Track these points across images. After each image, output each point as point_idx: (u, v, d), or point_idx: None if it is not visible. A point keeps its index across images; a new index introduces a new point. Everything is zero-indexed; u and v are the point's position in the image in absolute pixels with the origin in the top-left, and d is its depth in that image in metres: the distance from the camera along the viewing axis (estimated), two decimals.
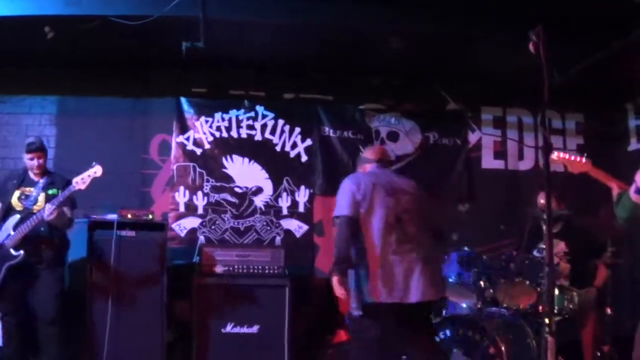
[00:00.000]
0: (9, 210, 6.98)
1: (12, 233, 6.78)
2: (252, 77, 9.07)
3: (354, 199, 5.46)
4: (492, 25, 7.32)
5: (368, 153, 6.11)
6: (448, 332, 6.34)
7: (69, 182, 6.85)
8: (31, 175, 7.16)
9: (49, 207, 6.62)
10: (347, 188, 5.55)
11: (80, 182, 6.71)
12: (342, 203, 5.49)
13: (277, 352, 7.63)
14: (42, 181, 7.12)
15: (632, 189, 4.11)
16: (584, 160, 5.54)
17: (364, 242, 5.43)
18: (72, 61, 8.41)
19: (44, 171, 7.19)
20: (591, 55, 7.58)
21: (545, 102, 3.91)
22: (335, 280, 5.32)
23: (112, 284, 7.34)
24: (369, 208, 5.46)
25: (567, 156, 5.54)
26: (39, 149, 7.15)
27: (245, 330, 7.63)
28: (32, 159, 7.08)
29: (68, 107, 8.83)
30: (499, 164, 9.41)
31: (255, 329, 7.66)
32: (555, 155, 5.45)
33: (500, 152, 9.41)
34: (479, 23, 7.31)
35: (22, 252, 6.75)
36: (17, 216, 6.89)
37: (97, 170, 6.74)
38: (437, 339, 6.31)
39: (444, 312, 7.24)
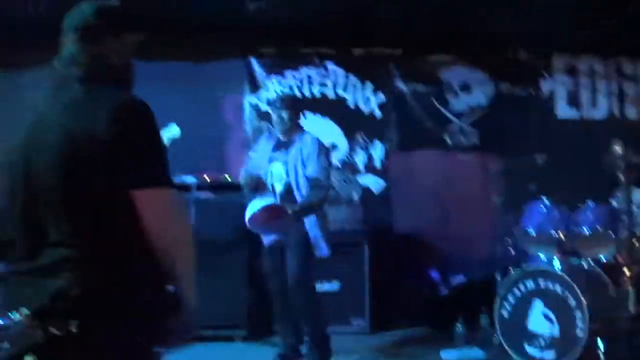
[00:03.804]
0: None
1: None
2: (321, 34, 9.03)
3: None
4: None
5: None
6: (528, 284, 6.34)
7: None
8: None
9: None
10: None
11: None
12: None
13: (358, 309, 7.76)
14: None
15: None
16: None
17: None
18: (146, 26, 8.42)
19: None
20: None
21: (619, 49, 3.86)
22: None
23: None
24: None
25: None
26: None
27: (325, 287, 7.70)
28: None
29: (139, 71, 8.88)
30: (573, 113, 9.29)
31: (335, 286, 7.77)
32: None
33: (573, 101, 9.28)
34: None
35: None
36: None
37: (173, 130, 6.38)
38: (518, 292, 6.36)
39: (524, 264, 7.24)
